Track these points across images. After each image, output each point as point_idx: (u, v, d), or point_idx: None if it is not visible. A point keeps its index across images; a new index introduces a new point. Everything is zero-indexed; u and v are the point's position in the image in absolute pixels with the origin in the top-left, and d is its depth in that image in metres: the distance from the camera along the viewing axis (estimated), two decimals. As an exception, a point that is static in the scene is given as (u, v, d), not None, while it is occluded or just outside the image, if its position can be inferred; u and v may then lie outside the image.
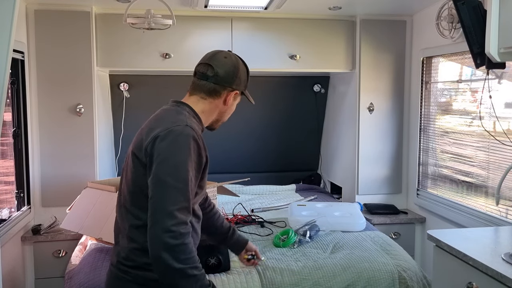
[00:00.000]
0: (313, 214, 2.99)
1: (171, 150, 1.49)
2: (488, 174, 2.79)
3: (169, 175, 1.47)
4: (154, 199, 1.46)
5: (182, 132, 1.52)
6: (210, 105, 1.71)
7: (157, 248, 1.42)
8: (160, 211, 1.44)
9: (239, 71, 1.71)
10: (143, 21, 2.70)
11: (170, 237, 1.41)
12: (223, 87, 1.70)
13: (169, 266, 1.42)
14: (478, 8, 2.39)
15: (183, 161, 1.48)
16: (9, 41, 1.82)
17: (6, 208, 2.90)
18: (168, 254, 1.41)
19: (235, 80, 1.70)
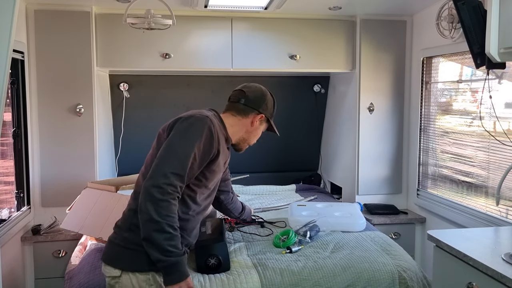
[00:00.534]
0: (313, 214, 2.98)
1: (185, 128, 1.77)
2: (488, 174, 2.79)
3: (176, 145, 1.73)
4: (156, 160, 1.72)
5: (201, 120, 1.80)
6: (238, 122, 2.01)
7: (144, 198, 1.65)
8: (157, 170, 1.68)
9: (266, 98, 2.05)
10: (143, 21, 2.70)
11: (158, 192, 1.64)
12: (251, 109, 2.01)
13: (150, 217, 1.63)
14: (478, 8, 2.39)
15: (192, 139, 1.74)
16: (9, 41, 1.81)
17: (6, 208, 2.90)
18: (152, 205, 1.63)
19: (262, 105, 2.03)
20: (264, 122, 2.08)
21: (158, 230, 1.64)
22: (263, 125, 2.08)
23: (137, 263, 1.76)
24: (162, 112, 3.96)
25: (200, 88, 4.01)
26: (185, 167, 1.71)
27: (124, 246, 1.79)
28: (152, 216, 1.63)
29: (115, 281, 1.79)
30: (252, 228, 2.92)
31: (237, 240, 2.76)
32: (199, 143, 1.75)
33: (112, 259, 1.81)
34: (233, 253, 2.52)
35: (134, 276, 1.77)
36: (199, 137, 1.75)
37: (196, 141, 1.74)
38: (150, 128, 3.95)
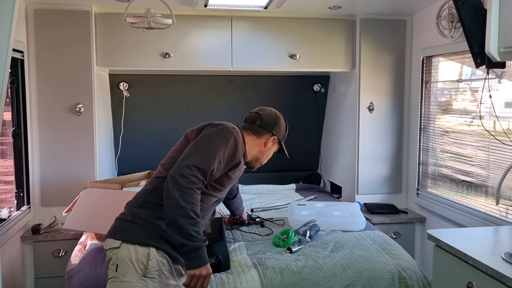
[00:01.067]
0: (313, 214, 2.98)
1: (215, 132, 1.93)
2: (488, 174, 2.79)
3: (203, 144, 1.87)
4: (183, 154, 1.84)
5: (230, 129, 1.96)
6: (253, 141, 2.15)
7: (170, 185, 1.74)
8: (183, 162, 1.80)
9: (280, 122, 2.22)
10: (143, 21, 2.70)
11: (183, 180, 1.74)
12: (265, 131, 2.16)
13: (176, 202, 1.71)
14: (478, 8, 2.39)
15: (219, 142, 1.88)
16: (8, 40, 1.81)
17: (6, 208, 2.89)
18: (178, 192, 1.72)
19: (275, 128, 2.18)
20: (276, 144, 2.23)
21: (184, 215, 1.71)
22: (274, 146, 2.24)
23: (139, 236, 1.80)
24: (161, 112, 3.96)
25: (200, 87, 4.01)
26: (209, 165, 1.82)
27: (131, 220, 1.85)
28: (178, 201, 1.71)
29: (113, 253, 1.82)
30: (252, 228, 2.92)
31: (237, 239, 2.76)
32: (225, 148, 1.89)
33: (115, 232, 1.86)
34: (233, 253, 2.52)
35: (134, 248, 1.79)
36: (226, 143, 1.90)
37: (222, 145, 1.89)
38: (149, 127, 3.97)
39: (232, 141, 1.93)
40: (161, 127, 3.95)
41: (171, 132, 4.16)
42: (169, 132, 4.10)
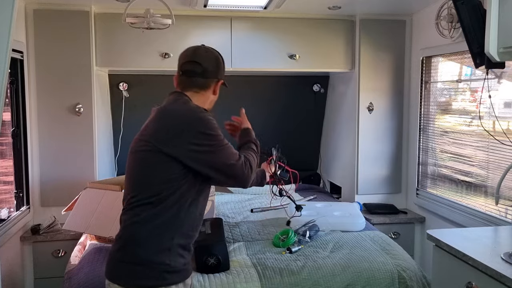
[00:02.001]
0: (312, 214, 2.99)
1: (206, 136, 1.69)
2: (488, 174, 2.79)
3: (217, 157, 1.70)
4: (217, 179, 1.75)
5: (203, 117, 1.72)
6: (203, 97, 1.87)
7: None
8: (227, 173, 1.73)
9: (220, 61, 1.92)
10: (143, 21, 2.70)
11: (242, 173, 1.72)
12: (212, 80, 1.89)
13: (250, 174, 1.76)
14: (478, 8, 2.39)
15: (219, 139, 1.71)
16: (8, 40, 1.81)
17: (5, 208, 2.89)
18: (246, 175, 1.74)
19: (220, 71, 1.92)
20: (219, 85, 1.97)
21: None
22: (218, 89, 1.97)
23: (146, 278, 1.65)
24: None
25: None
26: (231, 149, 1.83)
27: (132, 262, 1.66)
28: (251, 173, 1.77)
29: None
30: (252, 228, 2.92)
31: (237, 239, 2.76)
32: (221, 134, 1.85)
33: (118, 276, 1.68)
34: (232, 253, 2.52)
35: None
36: (218, 133, 1.84)
37: (219, 136, 1.83)
38: (149, 127, 3.96)
39: (214, 123, 1.76)
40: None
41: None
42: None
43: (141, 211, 1.67)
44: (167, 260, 1.65)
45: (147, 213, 1.66)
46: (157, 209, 1.66)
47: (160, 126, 1.73)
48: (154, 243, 1.66)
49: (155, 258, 1.64)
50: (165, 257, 1.65)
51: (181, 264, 1.69)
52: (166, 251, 1.66)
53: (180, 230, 1.69)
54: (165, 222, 1.66)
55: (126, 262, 1.67)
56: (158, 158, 1.68)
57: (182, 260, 1.70)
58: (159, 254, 1.65)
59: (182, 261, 1.70)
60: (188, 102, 1.79)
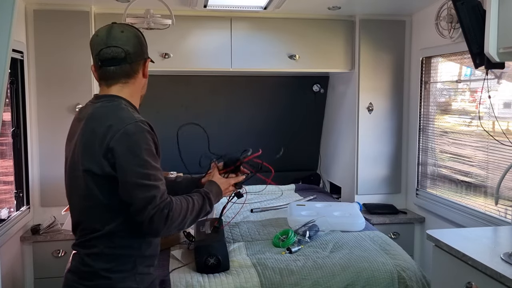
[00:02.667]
0: (312, 214, 2.99)
1: (131, 154, 1.44)
2: (487, 174, 2.79)
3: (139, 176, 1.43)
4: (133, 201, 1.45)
5: (136, 131, 1.46)
6: (134, 86, 1.61)
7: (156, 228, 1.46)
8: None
9: (141, 37, 1.62)
10: (143, 21, 2.70)
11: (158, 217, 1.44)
12: (138, 63, 1.59)
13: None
14: (478, 8, 2.39)
15: (145, 159, 1.45)
16: (8, 40, 1.81)
17: (5, 208, 2.89)
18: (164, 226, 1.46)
19: (143, 48, 1.62)
20: (147, 63, 1.66)
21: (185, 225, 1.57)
22: (147, 66, 1.67)
23: None
24: (161, 112, 3.96)
25: (200, 87, 4.01)
26: (156, 181, 1.53)
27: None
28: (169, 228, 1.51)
29: None
30: (252, 228, 2.92)
31: (237, 239, 2.76)
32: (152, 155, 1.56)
33: None
34: (232, 253, 2.53)
35: None
36: (148, 150, 1.53)
37: (149, 157, 1.54)
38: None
39: (149, 137, 1.51)
40: (161, 127, 3.93)
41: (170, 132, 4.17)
42: (169, 132, 4.11)
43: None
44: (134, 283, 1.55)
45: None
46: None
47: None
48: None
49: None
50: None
51: (149, 281, 1.62)
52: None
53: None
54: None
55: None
56: None
57: (150, 278, 1.62)
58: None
59: (150, 278, 1.62)
60: (122, 110, 1.53)
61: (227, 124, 4.08)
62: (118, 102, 1.55)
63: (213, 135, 2.15)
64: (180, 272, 2.32)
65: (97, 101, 1.58)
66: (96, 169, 1.47)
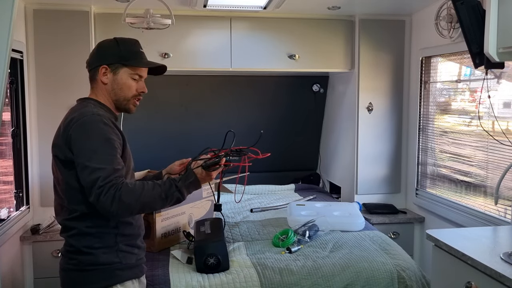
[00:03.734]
0: (312, 214, 2.99)
1: (88, 139, 1.62)
2: (487, 174, 2.79)
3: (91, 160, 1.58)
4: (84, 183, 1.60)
5: (91, 121, 1.65)
6: (98, 91, 1.83)
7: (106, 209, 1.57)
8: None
9: (101, 48, 1.84)
10: (142, 21, 2.70)
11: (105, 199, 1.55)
12: (93, 71, 1.84)
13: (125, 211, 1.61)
14: (477, 8, 2.39)
15: (102, 144, 1.62)
16: (8, 40, 1.81)
17: (5, 208, 2.89)
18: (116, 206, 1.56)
19: (98, 58, 1.82)
20: (119, 70, 1.79)
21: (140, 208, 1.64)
22: (121, 73, 1.79)
23: (98, 281, 1.68)
24: (160, 112, 3.96)
25: (199, 87, 4.01)
26: (110, 164, 1.65)
27: (79, 269, 1.69)
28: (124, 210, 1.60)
29: None
30: (251, 228, 2.92)
31: (236, 239, 2.77)
32: (108, 142, 1.71)
33: (71, 285, 1.73)
34: (232, 253, 2.53)
35: None
36: (103, 138, 1.70)
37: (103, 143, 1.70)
38: (148, 127, 3.97)
39: (103, 127, 1.66)
40: (161, 127, 3.95)
41: (170, 131, 4.18)
42: (169, 132, 4.12)
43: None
44: (116, 258, 1.70)
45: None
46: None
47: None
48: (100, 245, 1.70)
49: (103, 259, 1.69)
50: (112, 256, 1.70)
51: (133, 260, 1.75)
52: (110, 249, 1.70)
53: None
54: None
55: (74, 270, 1.71)
56: None
57: (134, 257, 1.76)
58: (106, 254, 1.69)
59: (133, 257, 1.75)
60: (86, 107, 1.74)
61: (226, 124, 4.06)
62: (86, 103, 1.77)
63: (213, 134, 2.16)
64: (180, 272, 2.32)
65: (75, 105, 1.82)
66: (61, 155, 1.66)
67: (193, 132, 3.99)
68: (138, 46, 1.86)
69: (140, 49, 1.87)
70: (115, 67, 1.78)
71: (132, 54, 1.81)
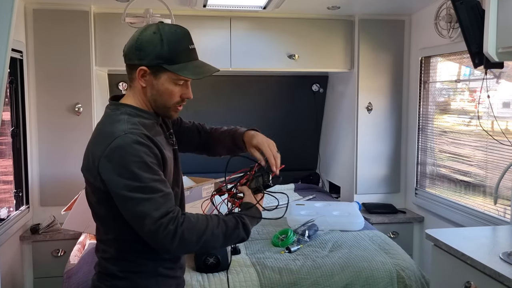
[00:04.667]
0: (311, 214, 2.99)
1: (124, 168, 1.32)
2: (486, 174, 2.80)
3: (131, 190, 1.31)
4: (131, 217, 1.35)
5: (124, 144, 1.33)
6: (136, 92, 1.46)
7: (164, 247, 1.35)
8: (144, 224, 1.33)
9: (141, 41, 1.39)
10: (142, 21, 2.71)
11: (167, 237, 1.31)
12: (130, 66, 1.43)
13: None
14: (477, 8, 2.39)
15: (141, 172, 1.32)
16: (7, 40, 1.81)
17: (5, 208, 2.89)
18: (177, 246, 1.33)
19: (136, 54, 1.39)
20: (161, 74, 1.41)
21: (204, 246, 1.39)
22: (162, 78, 1.42)
23: None
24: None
25: (199, 87, 3.99)
26: (160, 200, 1.38)
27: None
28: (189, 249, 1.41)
29: None
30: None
31: (236, 239, 2.76)
32: (147, 167, 1.37)
33: None
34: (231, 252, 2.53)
35: None
36: (140, 164, 1.36)
37: (141, 169, 1.37)
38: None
39: (140, 149, 1.34)
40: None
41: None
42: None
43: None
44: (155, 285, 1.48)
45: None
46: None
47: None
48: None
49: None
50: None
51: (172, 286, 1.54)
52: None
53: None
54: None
55: None
56: None
57: (173, 282, 1.54)
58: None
59: (173, 282, 1.54)
60: (117, 122, 1.39)
61: (226, 124, 4.07)
62: (119, 113, 1.42)
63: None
64: (180, 271, 2.32)
65: (107, 108, 1.49)
66: (92, 179, 1.41)
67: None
68: (186, 41, 1.47)
69: (190, 45, 1.49)
70: (156, 69, 1.40)
71: (178, 56, 1.42)
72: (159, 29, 1.40)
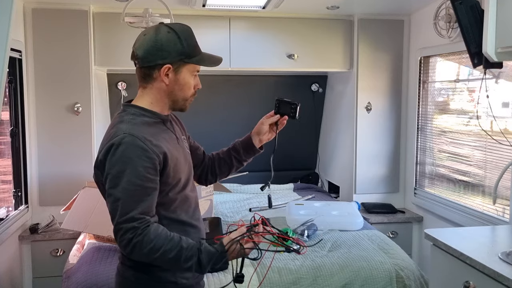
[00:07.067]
0: (311, 213, 2.99)
1: (114, 164, 1.41)
2: (485, 174, 2.80)
3: (115, 188, 1.40)
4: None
5: (120, 143, 1.41)
6: (153, 91, 1.54)
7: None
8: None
9: (161, 42, 1.49)
10: (141, 20, 2.70)
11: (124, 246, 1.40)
12: (150, 68, 1.51)
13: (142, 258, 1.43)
14: (476, 8, 2.39)
15: (126, 172, 1.39)
16: (6, 40, 1.81)
17: (4, 207, 2.89)
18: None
19: (159, 54, 1.49)
20: (182, 68, 1.53)
21: (161, 261, 1.44)
22: (183, 72, 1.54)
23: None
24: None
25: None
26: (134, 204, 1.44)
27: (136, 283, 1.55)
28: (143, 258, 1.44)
29: None
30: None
31: (235, 239, 2.76)
32: (137, 169, 1.45)
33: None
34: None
35: None
36: (133, 165, 1.44)
37: (132, 171, 1.45)
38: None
39: (136, 151, 1.41)
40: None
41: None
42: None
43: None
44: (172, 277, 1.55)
45: None
46: None
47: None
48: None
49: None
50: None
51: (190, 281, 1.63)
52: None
53: None
54: None
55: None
56: None
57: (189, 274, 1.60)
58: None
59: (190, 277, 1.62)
60: (122, 123, 1.48)
61: (225, 124, 4.08)
62: (125, 114, 1.52)
63: (211, 134, 2.16)
64: (179, 271, 2.32)
65: (118, 111, 1.58)
66: (100, 177, 1.49)
67: (191, 131, 3.98)
68: (194, 36, 1.57)
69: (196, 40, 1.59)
70: (178, 65, 1.51)
71: (193, 50, 1.54)
72: (171, 28, 1.52)
